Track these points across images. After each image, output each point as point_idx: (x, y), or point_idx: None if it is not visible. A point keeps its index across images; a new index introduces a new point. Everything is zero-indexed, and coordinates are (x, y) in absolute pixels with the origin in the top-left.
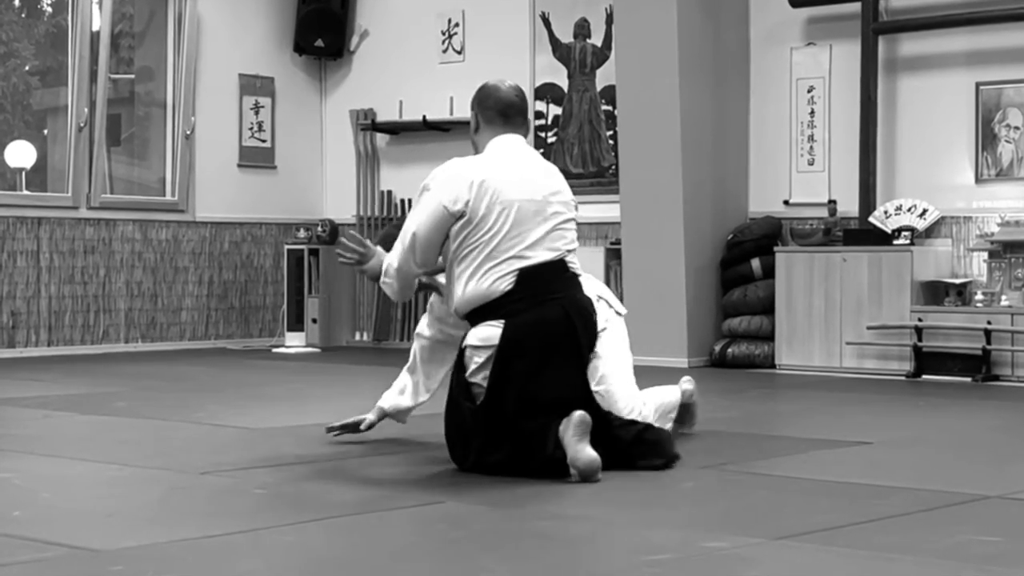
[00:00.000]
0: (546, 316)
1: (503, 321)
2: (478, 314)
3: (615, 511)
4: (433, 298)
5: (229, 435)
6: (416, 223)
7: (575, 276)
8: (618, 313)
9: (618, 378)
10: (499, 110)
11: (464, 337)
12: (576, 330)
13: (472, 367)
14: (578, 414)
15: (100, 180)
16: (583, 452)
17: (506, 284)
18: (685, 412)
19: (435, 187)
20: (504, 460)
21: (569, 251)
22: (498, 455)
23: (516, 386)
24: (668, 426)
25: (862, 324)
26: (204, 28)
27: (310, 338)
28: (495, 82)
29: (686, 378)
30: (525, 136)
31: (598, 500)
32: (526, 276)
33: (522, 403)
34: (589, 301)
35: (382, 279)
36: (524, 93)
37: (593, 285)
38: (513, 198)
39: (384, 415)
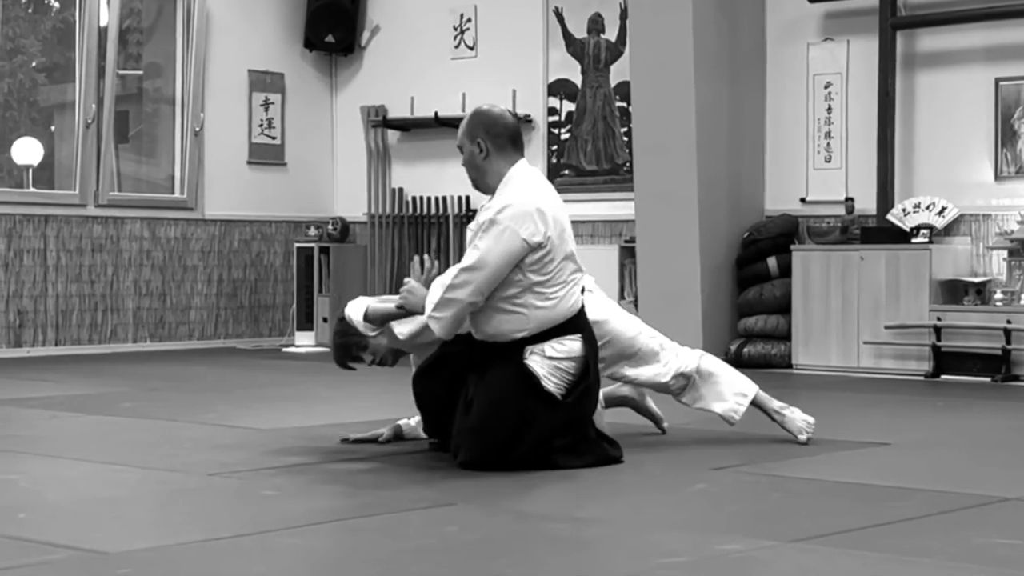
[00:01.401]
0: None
1: (578, 335)
2: (552, 331)
3: (628, 513)
4: (413, 359)
5: (238, 436)
6: (489, 257)
7: None
8: (590, 291)
9: (640, 338)
10: (509, 136)
11: (520, 352)
12: None
13: (545, 374)
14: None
15: (108, 177)
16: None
17: (579, 301)
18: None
19: (510, 222)
20: (566, 446)
21: None
22: (563, 440)
23: (597, 388)
24: (727, 404)
25: (880, 323)
26: (213, 23)
27: (320, 337)
28: (489, 107)
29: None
30: None
31: (611, 502)
32: (582, 291)
33: (593, 393)
34: None
35: (430, 313)
36: None
37: None
38: (566, 224)
39: (401, 435)
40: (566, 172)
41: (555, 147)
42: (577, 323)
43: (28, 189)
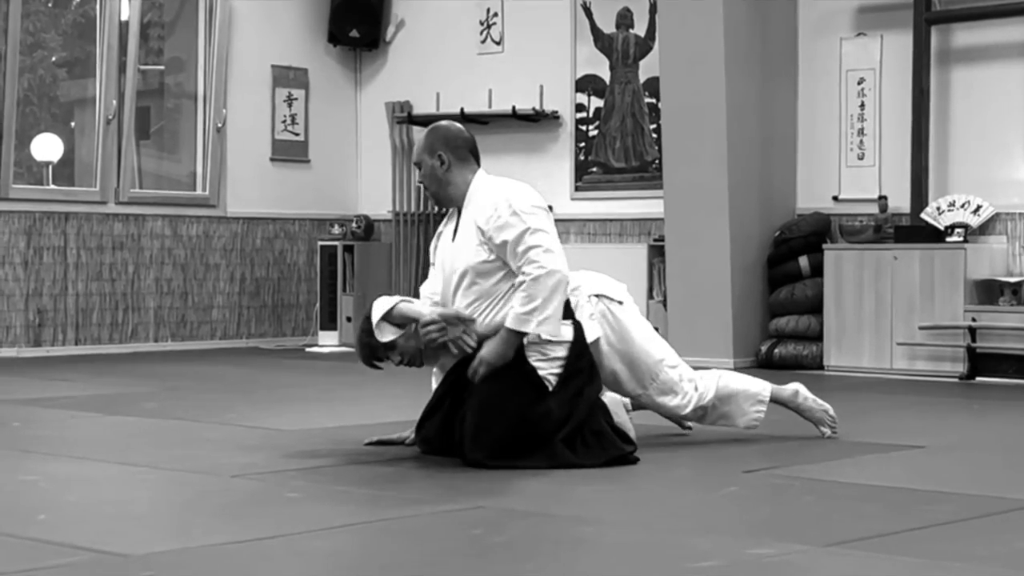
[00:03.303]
0: None
1: (568, 321)
2: None
3: (657, 516)
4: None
5: (260, 437)
6: (556, 238)
7: None
8: (620, 302)
9: (666, 365)
10: (469, 148)
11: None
12: None
13: (542, 360)
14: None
15: (129, 174)
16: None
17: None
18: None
19: (538, 203)
20: (571, 435)
21: None
22: (568, 429)
23: (588, 369)
24: (748, 416)
25: (914, 324)
26: (236, 17)
27: (344, 337)
28: (446, 123)
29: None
30: None
31: (640, 505)
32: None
33: (593, 376)
34: None
35: (542, 314)
36: None
37: (592, 283)
38: None
39: None
40: (594, 169)
41: (583, 144)
42: (567, 310)
43: (48, 186)
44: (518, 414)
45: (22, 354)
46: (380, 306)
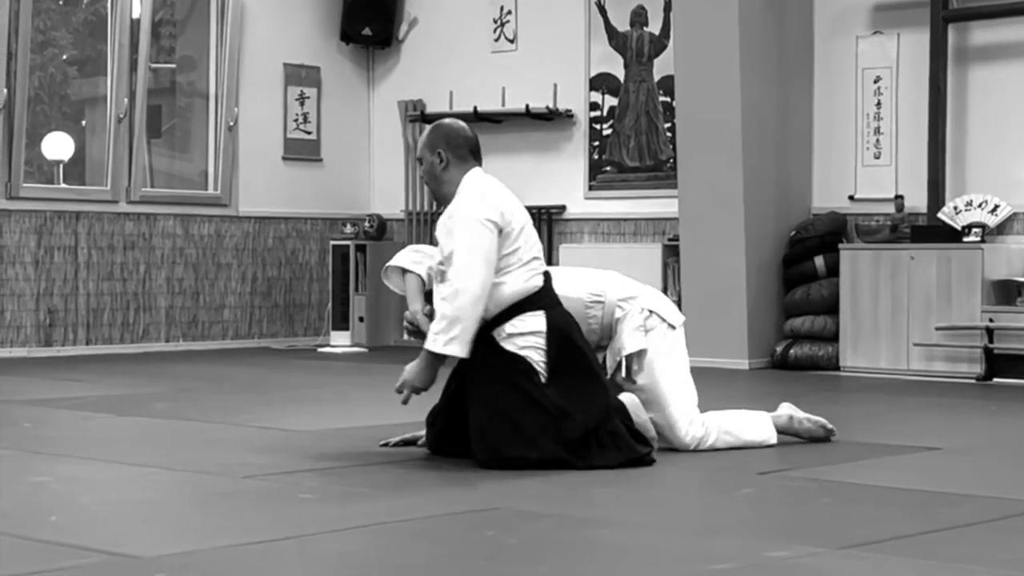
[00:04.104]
0: (567, 312)
1: (540, 311)
2: (513, 309)
3: (672, 518)
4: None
5: (273, 438)
6: (481, 251)
7: None
8: (672, 326)
9: (675, 405)
10: (470, 148)
11: (492, 341)
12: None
13: (517, 349)
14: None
15: (140, 173)
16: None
17: (538, 280)
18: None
19: (478, 214)
20: (580, 423)
21: None
22: (571, 422)
23: (581, 362)
24: (760, 439)
25: (930, 325)
26: (248, 16)
27: (356, 337)
28: (450, 121)
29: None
30: None
31: (655, 507)
32: (546, 276)
33: (592, 374)
34: None
35: (447, 334)
36: None
37: (651, 298)
38: (524, 215)
39: None
40: (608, 169)
41: (596, 143)
42: (537, 301)
43: (59, 185)
44: (513, 405)
45: (33, 354)
46: (401, 258)
